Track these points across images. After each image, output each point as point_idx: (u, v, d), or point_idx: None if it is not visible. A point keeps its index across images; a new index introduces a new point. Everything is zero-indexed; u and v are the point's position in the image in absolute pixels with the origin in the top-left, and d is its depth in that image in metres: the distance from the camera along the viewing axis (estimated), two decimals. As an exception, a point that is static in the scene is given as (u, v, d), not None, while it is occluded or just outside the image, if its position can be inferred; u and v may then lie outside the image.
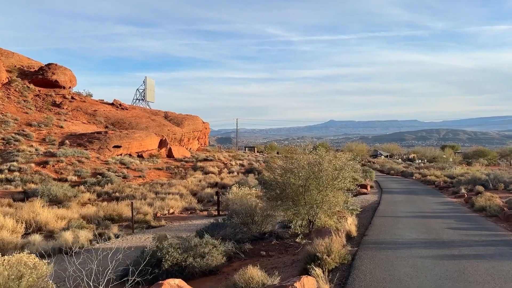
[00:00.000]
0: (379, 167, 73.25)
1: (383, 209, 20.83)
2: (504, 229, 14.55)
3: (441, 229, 14.32)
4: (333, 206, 13.63)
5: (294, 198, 13.83)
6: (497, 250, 10.59)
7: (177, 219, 21.52)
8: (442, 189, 34.10)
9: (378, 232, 13.78)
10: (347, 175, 14.06)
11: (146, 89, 73.06)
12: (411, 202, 24.34)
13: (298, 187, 13.57)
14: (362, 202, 25.16)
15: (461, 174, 42.43)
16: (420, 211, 20.14)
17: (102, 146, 47.91)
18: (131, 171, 42.37)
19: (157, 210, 24.15)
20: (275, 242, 13.39)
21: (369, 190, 32.36)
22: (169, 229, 18.33)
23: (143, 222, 19.77)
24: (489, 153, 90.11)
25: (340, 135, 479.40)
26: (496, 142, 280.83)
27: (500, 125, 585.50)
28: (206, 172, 46.12)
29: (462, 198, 26.31)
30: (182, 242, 12.06)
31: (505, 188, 29.42)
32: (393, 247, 11.05)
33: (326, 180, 13.43)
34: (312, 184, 13.44)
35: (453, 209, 21.14)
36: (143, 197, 28.84)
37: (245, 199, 14.93)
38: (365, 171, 45.46)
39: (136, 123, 62.74)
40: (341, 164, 14.06)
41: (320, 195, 13.45)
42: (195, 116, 76.10)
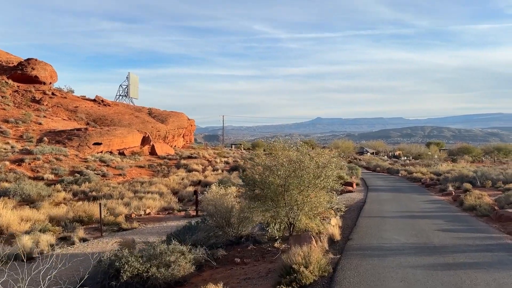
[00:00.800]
0: (365, 164, 72.46)
1: (369, 209, 19.73)
2: (498, 231, 13.50)
3: (431, 231, 13.20)
4: (315, 207, 12.41)
5: (274, 198, 12.60)
6: (495, 257, 9.46)
7: (152, 220, 20.16)
8: (429, 186, 33.18)
9: (363, 235, 12.61)
10: (330, 173, 12.86)
11: (130, 85, 71.20)
12: (398, 201, 23.31)
13: (277, 187, 12.33)
14: (348, 201, 24.08)
15: (447, 171, 41.64)
16: (408, 210, 19.07)
17: (82, 143, 46.19)
18: (111, 169, 40.82)
19: (133, 210, 22.75)
20: (252, 247, 12.15)
21: (354, 188, 31.31)
22: (141, 232, 16.98)
23: (114, 224, 18.38)
24: (473, 150, 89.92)
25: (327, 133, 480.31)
26: (479, 139, 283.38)
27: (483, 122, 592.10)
28: (190, 170, 44.74)
29: (450, 196, 25.37)
30: (146, 249, 10.76)
31: (493, 185, 28.57)
32: (380, 254, 9.85)
33: (308, 179, 12.21)
34: (293, 184, 12.22)
35: (441, 208, 20.12)
36: (121, 196, 27.39)
37: (221, 199, 13.63)
38: (351, 168, 44.46)
39: (118, 120, 61.00)
40: (324, 162, 12.84)
41: (301, 195, 12.23)
42: (180, 113, 74.49)
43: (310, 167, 12.31)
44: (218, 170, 46.28)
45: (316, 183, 12.31)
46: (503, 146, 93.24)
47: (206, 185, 32.44)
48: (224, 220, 13.01)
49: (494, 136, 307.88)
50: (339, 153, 15.41)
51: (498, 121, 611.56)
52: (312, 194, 12.38)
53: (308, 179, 12.12)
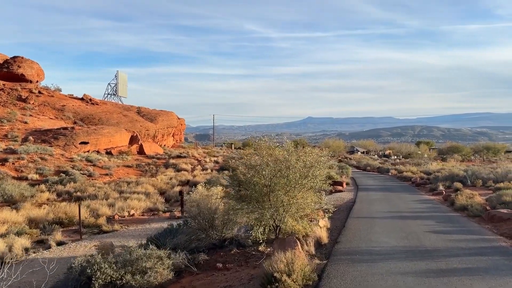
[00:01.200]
0: (356, 163, 72.14)
1: (359, 209, 19.21)
2: (491, 232, 13.00)
3: (422, 233, 12.67)
4: (302, 208, 11.82)
5: (259, 199, 11.99)
6: (490, 262, 8.93)
7: (135, 222, 19.45)
8: (419, 185, 32.80)
9: (352, 237, 12.04)
10: (318, 173, 12.28)
11: (118, 83, 70.09)
12: (388, 200, 22.82)
13: (262, 187, 11.72)
14: (337, 201, 23.56)
15: (438, 170, 41.32)
16: (398, 210, 18.57)
17: (68, 143, 45.24)
18: (97, 168, 39.99)
19: (117, 211, 22.01)
20: (236, 251, 11.51)
21: (344, 187, 30.82)
22: (122, 234, 16.27)
23: (95, 226, 17.64)
24: (463, 149, 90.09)
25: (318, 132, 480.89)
26: (468, 138, 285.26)
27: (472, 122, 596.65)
28: (179, 170, 44.03)
29: (441, 196, 24.95)
30: (122, 254, 10.09)
31: (483, 184, 28.20)
32: (369, 259, 9.28)
33: (294, 179, 11.62)
34: (278, 184, 11.61)
35: (432, 208, 19.64)
36: (106, 197, 26.63)
37: (204, 201, 12.98)
38: (341, 167, 44.02)
39: (106, 119, 60.02)
40: (312, 161, 12.25)
41: (287, 196, 11.63)
42: (170, 112, 73.61)
43: (297, 166, 11.73)
44: (207, 169, 45.61)
45: (303, 183, 11.72)
46: (492, 145, 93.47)
47: (195, 185, 31.73)
48: (207, 222, 12.36)
49: (483, 136, 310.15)
50: (327, 152, 14.87)
51: (487, 121, 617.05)
52: (298, 195, 11.79)
53: (294, 179, 11.52)
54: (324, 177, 13.32)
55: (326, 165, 13.39)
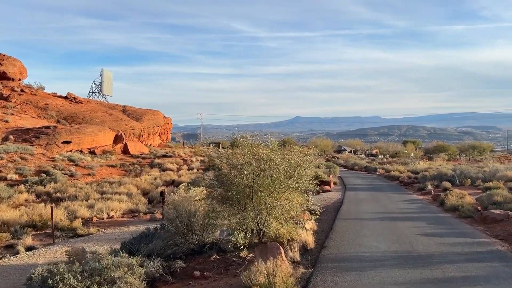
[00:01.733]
0: (343, 162, 71.68)
1: (347, 209, 18.49)
2: (485, 234, 12.34)
3: (413, 235, 11.95)
4: (287, 211, 11.01)
5: (241, 201, 11.16)
6: (490, 269, 8.21)
7: (113, 224, 18.47)
8: (407, 185, 32.26)
9: (340, 242, 11.27)
10: (303, 173, 11.48)
11: (103, 82, 68.59)
12: (376, 200, 22.16)
13: (244, 188, 10.89)
14: (324, 201, 22.83)
15: (425, 169, 40.92)
16: (387, 211, 17.88)
17: (50, 142, 43.91)
18: (80, 168, 38.76)
19: (95, 213, 21.00)
20: (216, 257, 10.65)
21: (332, 187, 30.13)
22: (97, 238, 15.30)
23: (70, 229, 16.63)
24: (449, 148, 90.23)
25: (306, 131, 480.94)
26: (454, 137, 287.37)
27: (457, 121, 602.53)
28: (164, 169, 42.97)
29: (429, 195, 24.38)
30: (90, 262, 9.18)
31: (472, 183, 27.73)
32: (358, 267, 8.50)
33: (278, 179, 10.80)
34: (262, 185, 10.79)
35: (422, 208, 19.00)
36: (86, 197, 25.56)
37: (183, 202, 12.10)
38: (329, 167, 43.36)
39: (91, 118, 58.59)
40: (297, 160, 11.45)
41: (271, 197, 10.82)
42: (156, 111, 72.35)
43: (281, 165, 10.92)
44: (193, 169, 44.63)
45: (288, 183, 10.91)
46: (478, 144, 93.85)
47: (180, 184, 30.79)
48: (185, 226, 11.48)
49: (468, 135, 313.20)
50: (314, 151, 14.10)
51: (472, 120, 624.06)
52: (283, 197, 10.98)
53: (278, 179, 10.71)
54: (310, 177, 12.56)
55: (312, 164, 12.62)
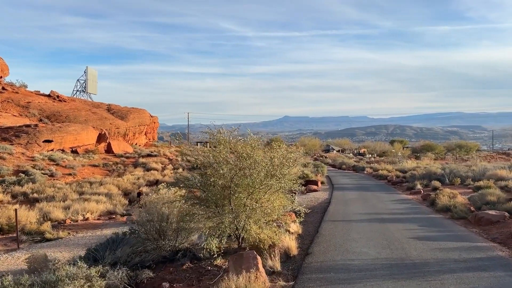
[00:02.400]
0: (331, 161, 70.94)
1: (334, 210, 17.50)
2: (481, 237, 11.40)
3: (405, 239, 10.96)
4: (268, 214, 9.95)
5: (218, 203, 10.09)
6: (494, 280, 7.22)
7: (87, 227, 17.25)
8: (395, 184, 31.43)
9: (326, 247, 10.23)
10: (287, 172, 10.45)
11: (88, 80, 66.89)
12: (365, 200, 21.23)
13: (221, 189, 9.81)
14: (311, 201, 21.85)
15: (413, 168, 40.22)
16: (376, 212, 16.92)
17: (31, 141, 42.37)
18: (60, 168, 37.33)
19: (70, 215, 19.76)
20: (188, 265, 9.54)
21: (319, 187, 29.15)
22: (66, 243, 14.07)
23: (38, 233, 15.38)
24: (436, 148, 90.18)
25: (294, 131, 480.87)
26: (440, 137, 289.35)
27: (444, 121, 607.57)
28: (148, 169, 41.69)
29: (419, 195, 23.52)
30: (43, 273, 8.03)
31: (462, 183, 26.95)
32: (346, 279, 7.45)
33: (259, 179, 9.75)
34: (241, 185, 9.73)
35: (412, 209, 18.07)
36: (64, 198, 24.26)
37: (155, 204, 10.98)
38: (317, 166, 42.44)
39: (74, 116, 56.93)
40: (280, 158, 10.41)
41: (251, 199, 9.76)
42: (142, 110, 70.83)
43: (262, 164, 9.86)
44: (179, 168, 43.39)
45: (269, 184, 9.86)
46: (465, 143, 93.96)
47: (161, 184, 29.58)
48: (155, 231, 10.35)
49: (454, 134, 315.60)
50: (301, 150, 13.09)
51: (458, 120, 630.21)
52: (264, 198, 9.93)
53: (259, 178, 9.65)
54: (295, 176, 11.54)
55: (297, 163, 11.59)
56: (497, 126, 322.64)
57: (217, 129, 10.18)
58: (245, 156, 9.59)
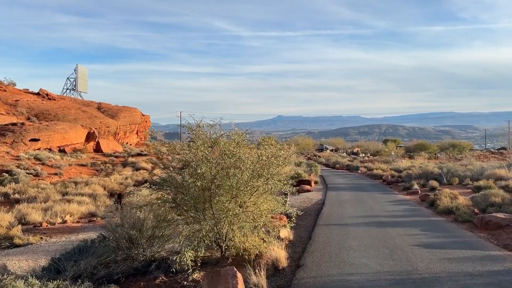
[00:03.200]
0: (325, 161, 69.81)
1: (328, 213, 16.24)
2: (492, 244, 10.17)
3: (409, 247, 9.71)
4: (254, 219, 8.66)
5: (197, 207, 8.81)
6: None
7: (63, 231, 15.86)
8: (391, 184, 30.24)
9: (320, 257, 8.94)
10: (276, 171, 9.18)
11: (78, 78, 65.20)
12: (360, 201, 20.00)
13: (200, 191, 8.53)
14: (304, 202, 20.61)
15: (408, 167, 39.12)
16: (373, 214, 15.69)
17: (17, 140, 40.85)
18: (46, 167, 35.93)
19: (48, 217, 18.39)
20: (162, 279, 8.22)
21: (313, 187, 27.92)
22: (34, 250, 12.68)
23: (7, 238, 13.99)
24: (429, 147, 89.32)
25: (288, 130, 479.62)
26: (432, 136, 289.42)
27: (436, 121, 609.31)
28: (138, 168, 40.31)
29: (417, 195, 22.35)
30: None
31: (460, 182, 25.80)
32: (344, 300, 6.21)
33: (243, 179, 8.46)
34: (223, 187, 8.45)
35: (411, 210, 16.85)
36: (46, 199, 22.88)
37: (130, 208, 9.67)
38: (310, 165, 41.24)
39: (63, 115, 55.36)
40: (269, 155, 9.14)
41: (234, 202, 8.48)
42: (133, 108, 69.27)
43: (248, 162, 8.59)
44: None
45: (255, 185, 8.58)
46: (458, 143, 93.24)
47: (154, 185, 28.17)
48: (126, 238, 9.02)
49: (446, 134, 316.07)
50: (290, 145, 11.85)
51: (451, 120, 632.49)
52: (249, 201, 8.65)
53: (243, 179, 8.36)
54: (286, 176, 10.28)
55: (287, 161, 10.31)
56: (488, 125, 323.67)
57: (196, 122, 8.88)
58: (227, 153, 8.30)
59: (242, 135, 8.88)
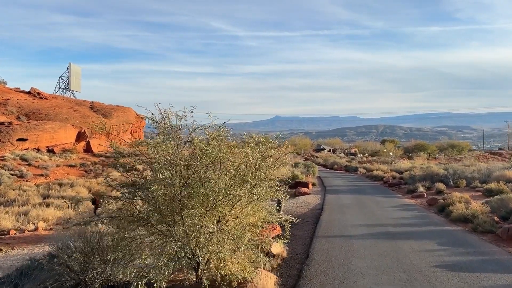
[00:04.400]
0: (322, 161, 67.89)
1: (328, 220, 14.33)
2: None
3: (430, 269, 7.79)
4: (235, 239, 6.73)
5: (167, 221, 6.91)
6: None
7: (29, 240, 13.91)
8: (393, 186, 28.31)
9: (320, 285, 7.03)
10: (264, 176, 7.28)
11: (70, 77, 63.19)
12: (363, 206, 18.11)
13: (167, 201, 6.63)
14: (301, 207, 18.72)
15: (409, 168, 37.26)
16: (379, 222, 13.79)
17: (3, 139, 38.90)
18: (33, 168, 34.09)
19: (20, 224, 16.49)
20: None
21: (310, 189, 26.00)
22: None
23: (-42, 250, 12.06)
24: (428, 147, 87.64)
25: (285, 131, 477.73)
26: (429, 137, 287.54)
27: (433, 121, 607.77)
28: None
29: (423, 199, 20.50)
30: None
31: (468, 185, 23.91)
32: None
33: (221, 187, 6.55)
34: (196, 196, 6.54)
35: (420, 218, 14.93)
36: (24, 202, 20.99)
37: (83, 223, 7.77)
38: (307, 166, 39.34)
39: (54, 114, 53.36)
40: (255, 156, 7.23)
41: (210, 216, 6.58)
42: (127, 108, 67.25)
43: (228, 164, 6.69)
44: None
45: (236, 194, 6.65)
46: (457, 143, 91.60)
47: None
48: (73, 260, 7.09)
49: (443, 135, 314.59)
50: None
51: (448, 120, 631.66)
52: (229, 215, 6.75)
53: (221, 186, 6.45)
54: (279, 179, 8.38)
55: (281, 162, 8.40)
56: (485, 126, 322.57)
57: (162, 113, 6.95)
58: (200, 153, 6.40)
59: (220, 129, 6.94)
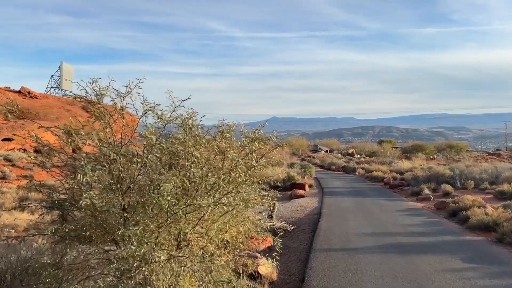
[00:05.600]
0: (320, 162, 65.97)
1: (327, 228, 12.39)
2: None
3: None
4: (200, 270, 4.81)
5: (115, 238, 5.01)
6: None
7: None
8: (395, 188, 26.37)
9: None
10: (245, 178, 5.37)
11: (62, 76, 61.16)
12: (365, 211, 16.19)
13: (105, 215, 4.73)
14: (296, 211, 16.79)
15: (410, 169, 35.38)
16: (386, 230, 11.87)
17: (-13, 139, 37.04)
18: (17, 169, 32.23)
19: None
20: None
21: (307, 191, 24.07)
22: None
23: None
24: (426, 148, 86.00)
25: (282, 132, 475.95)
26: (425, 138, 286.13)
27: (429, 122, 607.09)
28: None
29: (429, 202, 18.61)
30: None
31: (476, 186, 22.03)
32: None
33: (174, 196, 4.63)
34: (146, 206, 4.63)
35: (431, 224, 13.01)
36: None
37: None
38: (304, 167, 37.39)
39: (45, 114, 51.60)
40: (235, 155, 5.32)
41: (167, 234, 4.66)
42: (121, 108, 65.40)
43: (190, 160, 4.78)
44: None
45: (201, 204, 4.71)
46: (455, 144, 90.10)
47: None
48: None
49: (439, 135, 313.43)
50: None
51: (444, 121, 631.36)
52: (193, 232, 4.82)
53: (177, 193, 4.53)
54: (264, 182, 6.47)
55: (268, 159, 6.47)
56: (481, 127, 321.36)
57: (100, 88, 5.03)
58: (147, 146, 4.50)
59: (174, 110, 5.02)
